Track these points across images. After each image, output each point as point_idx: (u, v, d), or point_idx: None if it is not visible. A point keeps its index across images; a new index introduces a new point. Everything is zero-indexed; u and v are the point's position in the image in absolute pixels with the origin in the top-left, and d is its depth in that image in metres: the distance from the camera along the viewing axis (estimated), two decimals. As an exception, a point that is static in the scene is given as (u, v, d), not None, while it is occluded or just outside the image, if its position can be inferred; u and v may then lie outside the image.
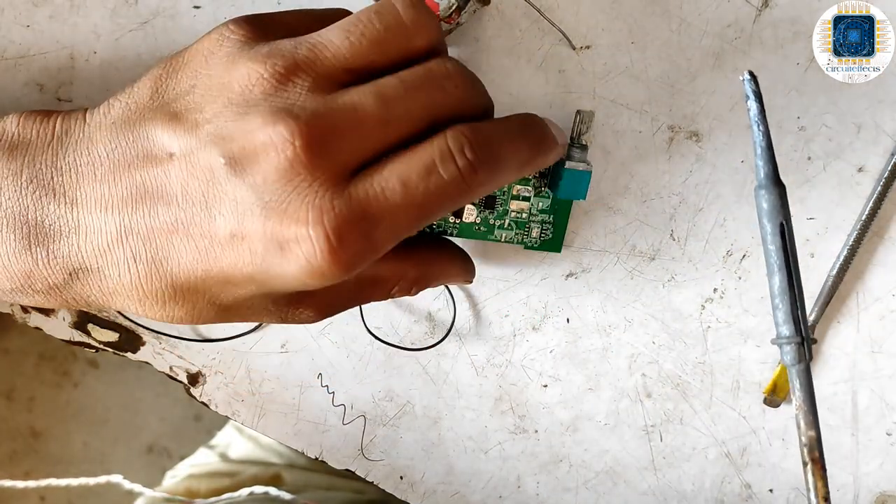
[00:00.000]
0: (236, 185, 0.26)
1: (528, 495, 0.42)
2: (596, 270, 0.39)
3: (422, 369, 0.40)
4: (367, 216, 0.26)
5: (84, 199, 0.28)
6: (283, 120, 0.25)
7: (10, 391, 1.19)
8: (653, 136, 0.37)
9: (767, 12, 0.36)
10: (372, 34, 0.27)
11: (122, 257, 0.28)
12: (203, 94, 0.27)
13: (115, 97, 0.29)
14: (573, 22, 0.36)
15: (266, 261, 0.26)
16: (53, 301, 0.30)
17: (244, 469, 0.62)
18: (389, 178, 0.26)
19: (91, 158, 0.28)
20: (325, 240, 0.25)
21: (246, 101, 0.26)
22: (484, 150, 0.27)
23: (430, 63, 0.28)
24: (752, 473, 0.42)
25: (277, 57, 0.27)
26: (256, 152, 0.26)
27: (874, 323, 0.40)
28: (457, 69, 0.28)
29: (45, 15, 0.35)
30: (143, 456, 1.20)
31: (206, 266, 0.27)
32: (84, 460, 1.20)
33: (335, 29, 0.27)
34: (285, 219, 0.25)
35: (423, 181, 0.26)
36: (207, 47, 0.28)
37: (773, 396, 0.40)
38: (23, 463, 1.19)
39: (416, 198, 0.26)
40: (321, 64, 0.27)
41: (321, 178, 0.26)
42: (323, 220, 0.25)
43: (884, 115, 0.37)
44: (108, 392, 1.20)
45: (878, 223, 0.39)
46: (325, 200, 0.25)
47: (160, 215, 0.27)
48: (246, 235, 0.26)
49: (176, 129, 0.27)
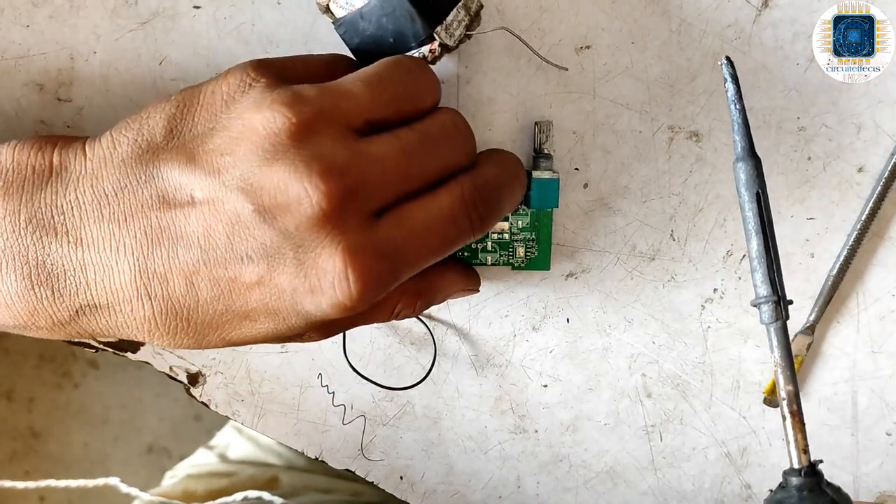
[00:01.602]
0: (265, 231, 0.26)
1: (528, 495, 0.42)
2: (596, 270, 0.39)
3: (422, 369, 0.40)
4: (391, 254, 0.27)
5: (91, 238, 0.28)
6: (316, 172, 0.26)
7: (10, 391, 1.19)
8: (653, 136, 0.37)
9: (767, 12, 0.36)
10: (391, 89, 0.29)
11: (136, 295, 0.28)
12: (224, 138, 0.27)
13: (120, 132, 0.28)
14: (573, 22, 0.36)
15: (294, 299, 0.27)
16: (58, 334, 0.29)
17: (242, 470, 0.62)
18: (415, 223, 0.28)
19: (96, 196, 0.28)
20: (356, 278, 0.27)
21: (273, 147, 0.26)
22: (492, 203, 0.30)
23: (443, 118, 0.30)
24: (752, 473, 0.42)
25: (303, 103, 0.27)
26: (289, 203, 0.26)
27: (874, 323, 0.40)
28: (463, 122, 0.30)
29: (44, 15, 0.35)
30: (142, 456, 1.20)
31: (226, 304, 0.28)
32: (84, 460, 1.20)
33: (357, 80, 0.28)
34: (319, 263, 0.27)
35: (443, 228, 0.29)
36: (226, 91, 0.28)
37: (773, 396, 0.40)
38: (23, 463, 1.19)
39: (435, 242, 0.29)
40: (345, 112, 0.27)
41: (351, 224, 0.27)
42: (355, 263, 0.27)
43: (884, 115, 0.37)
44: (108, 392, 1.20)
45: (878, 223, 0.39)
46: (355, 244, 0.27)
47: (180, 256, 0.27)
48: (275, 278, 0.27)
49: (196, 172, 0.27)
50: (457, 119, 0.30)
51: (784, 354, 0.29)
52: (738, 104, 0.30)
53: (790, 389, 0.29)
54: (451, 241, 0.29)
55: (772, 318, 0.29)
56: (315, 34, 0.35)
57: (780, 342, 0.29)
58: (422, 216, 0.28)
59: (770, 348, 0.29)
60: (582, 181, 0.38)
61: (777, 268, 0.30)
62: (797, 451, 0.29)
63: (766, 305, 0.30)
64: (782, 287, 0.30)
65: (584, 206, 0.38)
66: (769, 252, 0.30)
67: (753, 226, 0.30)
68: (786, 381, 0.29)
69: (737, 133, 0.30)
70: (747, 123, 0.30)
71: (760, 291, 0.30)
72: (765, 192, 0.30)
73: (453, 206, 0.29)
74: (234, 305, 0.28)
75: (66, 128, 0.36)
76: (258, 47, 0.35)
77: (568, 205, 0.38)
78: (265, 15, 0.35)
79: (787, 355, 0.29)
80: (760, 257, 0.30)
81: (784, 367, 0.29)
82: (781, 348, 0.29)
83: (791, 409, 0.29)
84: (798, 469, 0.29)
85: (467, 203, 0.29)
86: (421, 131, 0.29)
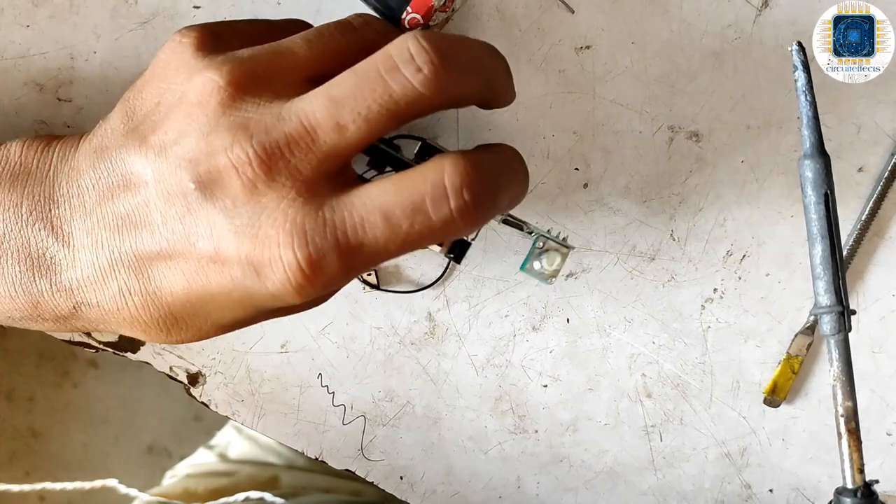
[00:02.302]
0: (208, 209, 0.26)
1: (528, 495, 0.42)
2: (596, 270, 0.39)
3: (422, 369, 0.40)
4: (342, 245, 0.25)
5: (77, 233, 0.28)
6: (238, 140, 0.25)
7: (10, 391, 1.19)
8: (653, 136, 0.37)
9: (767, 12, 0.36)
10: (333, 43, 0.27)
11: (115, 290, 0.28)
12: (166, 112, 0.27)
13: (99, 124, 0.29)
14: (573, 22, 0.36)
15: (245, 282, 0.26)
16: (63, 328, 0.30)
17: (242, 469, 0.62)
18: (372, 210, 0.25)
19: (80, 190, 0.28)
20: (296, 263, 0.25)
21: (206, 115, 0.26)
22: (484, 189, 0.25)
23: (389, 46, 0.25)
24: (752, 473, 0.42)
25: (234, 65, 0.26)
26: (221, 175, 0.25)
27: (874, 323, 0.40)
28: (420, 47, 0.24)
29: (45, 15, 0.35)
30: (142, 456, 1.20)
31: (193, 289, 0.27)
32: (84, 460, 1.20)
33: (295, 38, 0.27)
34: (257, 243, 0.25)
35: (407, 219, 0.25)
36: (164, 58, 0.28)
37: (773, 396, 0.40)
38: (23, 463, 1.19)
39: (399, 235, 0.25)
40: (279, 71, 0.26)
41: (287, 196, 0.25)
42: (293, 244, 0.24)
43: (884, 115, 0.37)
44: (108, 392, 1.20)
45: (878, 223, 0.39)
46: (294, 223, 0.25)
47: (145, 243, 0.27)
48: (223, 259, 0.26)
49: (147, 154, 0.27)
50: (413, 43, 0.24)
51: (844, 369, 0.27)
52: (809, 95, 0.27)
53: (849, 406, 0.27)
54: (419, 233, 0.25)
55: (834, 330, 0.27)
56: (315, 34, 0.35)
57: (840, 355, 0.27)
58: (383, 200, 0.25)
59: (829, 361, 0.27)
60: (582, 181, 0.38)
61: (843, 276, 0.27)
62: (852, 471, 0.27)
63: (829, 316, 0.27)
64: (847, 297, 0.27)
65: (584, 206, 0.38)
66: (835, 259, 0.27)
67: (819, 229, 0.27)
68: (845, 396, 0.27)
69: (806, 127, 0.27)
70: (817, 117, 0.27)
71: (823, 301, 0.27)
72: (833, 193, 0.27)
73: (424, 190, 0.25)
74: (203, 291, 0.27)
75: (66, 127, 0.36)
76: (258, 47, 0.35)
77: (568, 205, 0.38)
78: (265, 15, 0.35)
79: (848, 370, 0.27)
80: (826, 264, 0.27)
81: (844, 383, 0.27)
82: (842, 362, 0.27)
83: (849, 427, 0.27)
84: (853, 489, 0.27)
85: (448, 188, 0.25)
86: (357, 70, 0.25)
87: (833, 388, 0.27)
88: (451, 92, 0.25)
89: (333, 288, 0.26)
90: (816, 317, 0.27)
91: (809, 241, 0.27)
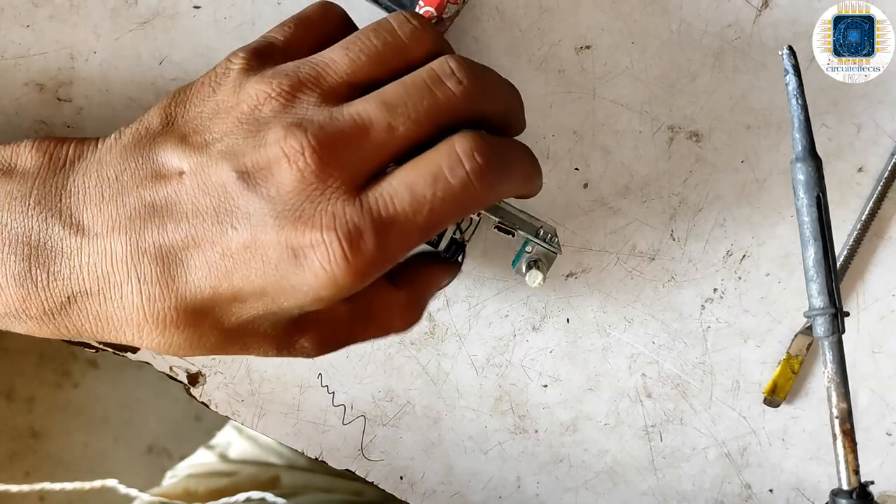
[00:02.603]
0: (249, 198, 0.27)
1: (528, 495, 0.42)
2: (596, 270, 0.39)
3: (422, 369, 0.40)
4: (377, 223, 0.26)
5: (90, 221, 0.28)
6: (293, 133, 0.26)
7: (10, 391, 1.19)
8: (653, 136, 0.37)
9: (767, 12, 0.36)
10: (370, 50, 0.28)
11: (126, 278, 0.28)
12: (212, 117, 0.28)
13: (128, 125, 0.30)
14: (573, 22, 0.36)
15: (279, 270, 0.27)
16: (45, 329, 0.29)
17: (243, 469, 0.62)
18: (398, 186, 0.27)
19: (100, 180, 0.29)
20: (338, 245, 0.26)
21: (256, 120, 0.27)
22: (494, 154, 0.28)
23: (432, 63, 0.28)
24: (752, 473, 0.42)
25: (282, 76, 0.28)
26: (270, 165, 0.27)
27: (874, 323, 0.40)
28: (460, 65, 0.28)
29: (45, 15, 0.35)
30: (142, 456, 1.20)
31: (215, 281, 0.27)
32: (84, 460, 1.20)
33: (335, 48, 0.29)
34: (299, 225, 0.26)
35: (430, 187, 0.27)
36: (213, 78, 0.29)
37: (773, 396, 0.40)
38: (23, 463, 1.19)
39: (424, 204, 0.27)
40: (324, 80, 0.28)
41: (333, 186, 0.26)
42: (335, 225, 0.26)
43: (884, 115, 0.37)
44: (108, 392, 1.20)
45: (878, 223, 0.39)
46: (337, 207, 0.26)
47: (170, 232, 0.27)
48: (259, 245, 0.27)
49: (185, 149, 0.28)
50: (453, 62, 0.28)
51: (838, 370, 0.27)
52: (800, 98, 0.28)
53: (843, 407, 0.27)
54: (443, 200, 0.27)
55: (828, 332, 0.27)
56: (315, 34, 0.35)
57: (834, 357, 0.27)
58: (407, 176, 0.27)
59: (823, 363, 0.27)
60: (582, 181, 0.38)
61: (836, 278, 0.27)
62: (847, 472, 0.27)
63: (823, 318, 0.27)
64: (840, 298, 0.28)
65: (584, 206, 0.38)
66: (828, 261, 0.27)
67: (811, 231, 0.27)
68: (839, 398, 0.27)
69: (797, 130, 0.28)
70: (809, 120, 0.28)
71: (816, 303, 0.27)
72: (825, 196, 0.28)
73: (440, 160, 0.27)
74: (224, 283, 0.27)
75: (66, 128, 0.36)
76: (258, 47, 0.35)
77: (568, 205, 0.38)
78: (265, 15, 0.35)
79: (842, 371, 0.27)
80: (818, 266, 0.27)
81: (838, 384, 0.27)
82: (836, 364, 0.27)
83: (843, 428, 0.27)
84: (849, 490, 0.27)
85: (460, 154, 0.27)
86: (404, 82, 0.28)
87: (827, 389, 0.28)
88: (481, 104, 0.29)
89: (369, 277, 0.27)
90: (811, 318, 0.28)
91: (802, 243, 0.28)
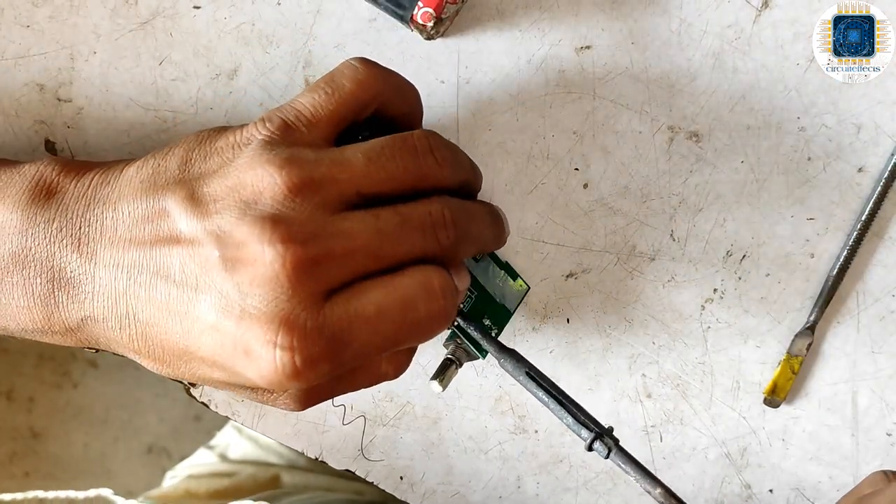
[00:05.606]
0: (225, 279, 0.27)
1: (528, 495, 0.42)
2: (596, 270, 0.39)
3: (422, 369, 0.40)
4: (336, 339, 0.27)
5: (101, 254, 0.29)
6: (280, 237, 0.26)
7: (10, 391, 1.19)
8: (653, 136, 0.37)
9: (767, 12, 0.36)
10: (391, 166, 0.28)
11: (122, 314, 0.29)
12: (221, 184, 0.28)
13: (153, 155, 0.30)
14: (573, 22, 0.36)
15: (232, 359, 0.27)
16: (70, 341, 0.31)
17: (243, 470, 0.62)
18: (367, 305, 0.27)
19: (115, 215, 0.29)
20: (289, 358, 0.26)
21: (255, 202, 0.27)
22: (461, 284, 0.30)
23: (433, 206, 0.29)
24: (752, 474, 0.42)
25: (294, 166, 0.27)
26: (248, 258, 0.27)
27: (874, 323, 0.40)
28: (454, 215, 0.29)
29: (45, 15, 0.35)
30: (142, 456, 1.20)
31: (186, 344, 0.28)
32: (84, 461, 1.20)
33: (358, 151, 0.28)
34: (256, 327, 0.26)
35: (399, 314, 0.28)
36: (237, 139, 0.29)
37: (774, 397, 0.40)
38: (22, 463, 1.19)
39: (389, 329, 0.28)
40: (335, 186, 0.28)
41: (301, 294, 0.26)
42: (292, 339, 0.26)
43: (884, 115, 0.37)
44: (108, 392, 1.20)
45: (878, 223, 0.39)
46: (297, 318, 0.26)
47: (158, 288, 0.28)
48: (220, 330, 0.27)
49: (189, 210, 0.28)
50: (448, 212, 0.29)
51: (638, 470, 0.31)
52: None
53: (660, 492, 0.30)
54: (412, 328, 0.28)
55: (606, 453, 0.31)
56: (315, 34, 0.35)
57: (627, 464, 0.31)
58: (378, 298, 0.27)
59: (625, 471, 0.31)
60: (582, 181, 0.38)
61: (580, 409, 0.31)
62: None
63: (597, 443, 0.31)
64: (595, 421, 0.31)
65: (584, 206, 0.38)
66: (565, 404, 0.31)
67: (543, 396, 0.32)
68: (653, 486, 0.30)
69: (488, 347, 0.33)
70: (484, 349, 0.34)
71: (583, 435, 0.31)
72: (534, 368, 0.32)
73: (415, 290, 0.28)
74: (192, 346, 0.28)
75: (66, 128, 0.36)
76: (258, 47, 0.35)
77: (568, 205, 0.38)
78: (265, 15, 0.35)
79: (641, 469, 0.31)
80: (562, 412, 0.31)
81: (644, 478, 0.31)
82: (632, 467, 0.31)
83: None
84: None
85: (437, 289, 0.28)
86: (404, 214, 0.28)
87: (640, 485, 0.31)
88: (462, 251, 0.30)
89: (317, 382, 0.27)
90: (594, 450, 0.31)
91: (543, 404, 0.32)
